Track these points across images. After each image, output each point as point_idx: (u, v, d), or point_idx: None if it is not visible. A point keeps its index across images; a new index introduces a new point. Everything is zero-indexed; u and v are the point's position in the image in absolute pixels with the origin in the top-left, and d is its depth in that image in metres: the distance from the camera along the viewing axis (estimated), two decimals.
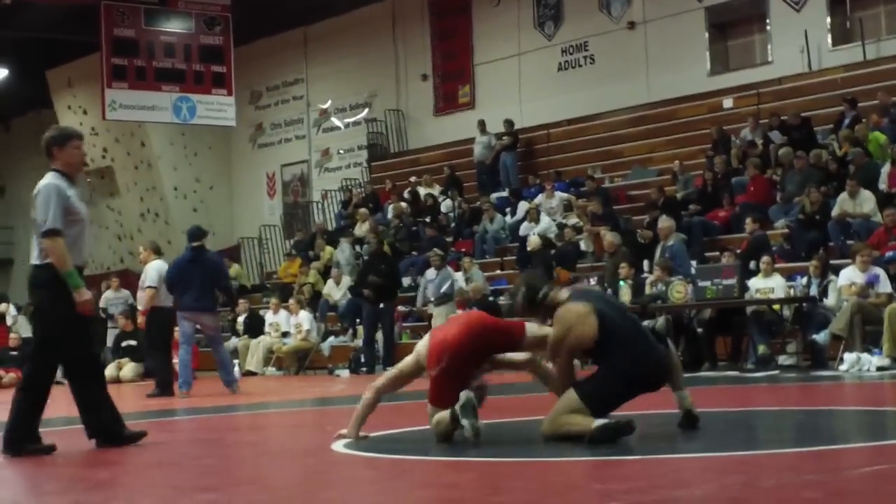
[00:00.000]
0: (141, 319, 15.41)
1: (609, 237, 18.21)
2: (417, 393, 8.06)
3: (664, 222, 17.47)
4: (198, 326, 15.06)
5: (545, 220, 21.38)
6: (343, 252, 23.36)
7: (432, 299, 19.42)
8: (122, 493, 6.03)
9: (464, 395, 7.06)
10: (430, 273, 20.02)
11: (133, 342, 20.81)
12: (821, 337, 14.19)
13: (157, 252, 15.56)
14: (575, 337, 7.14)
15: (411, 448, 7.29)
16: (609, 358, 7.09)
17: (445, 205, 24.34)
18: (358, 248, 23.44)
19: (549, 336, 7.23)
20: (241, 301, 23.32)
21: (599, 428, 6.75)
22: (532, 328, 7.45)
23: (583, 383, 7.12)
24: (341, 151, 29.78)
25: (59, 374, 8.06)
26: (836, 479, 5.53)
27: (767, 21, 22.44)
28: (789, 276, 15.49)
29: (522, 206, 22.60)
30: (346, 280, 21.96)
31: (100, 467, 7.29)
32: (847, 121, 19.08)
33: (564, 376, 7.28)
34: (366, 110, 29.12)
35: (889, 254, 14.79)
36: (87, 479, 6.72)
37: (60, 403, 14.09)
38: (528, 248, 19.75)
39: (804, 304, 14.71)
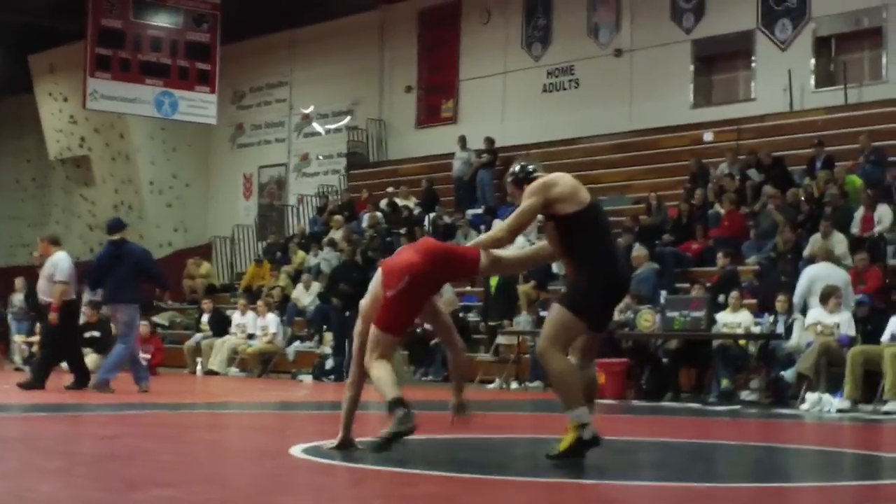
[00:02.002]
0: (53, 315, 14.35)
1: None
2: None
3: (638, 251, 17.52)
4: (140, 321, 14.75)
5: (519, 239, 21.32)
6: (325, 258, 23.20)
7: None
8: (74, 482, 5.98)
9: (400, 418, 6.97)
10: None
11: (97, 333, 20.67)
12: (788, 374, 14.23)
13: (57, 244, 15.13)
14: (561, 193, 7.13)
15: (371, 457, 7.26)
16: (587, 266, 7.06)
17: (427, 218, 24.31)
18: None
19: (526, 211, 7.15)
20: (206, 300, 23.25)
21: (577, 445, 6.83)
22: (487, 253, 7.38)
23: (565, 297, 7.14)
24: (320, 157, 29.72)
25: (18, 360, 7.99)
26: None
27: (753, 58, 22.53)
28: (756, 312, 15.53)
29: (497, 225, 22.55)
30: (316, 286, 21.91)
31: (53, 457, 7.24)
32: (819, 163, 19.19)
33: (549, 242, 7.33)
34: (348, 118, 29.09)
35: (859, 297, 14.86)
36: (40, 467, 6.66)
37: (24, 391, 14.02)
38: None
39: (770, 341, 14.75)
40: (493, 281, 18.98)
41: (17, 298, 23.20)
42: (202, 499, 5.53)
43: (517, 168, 7.44)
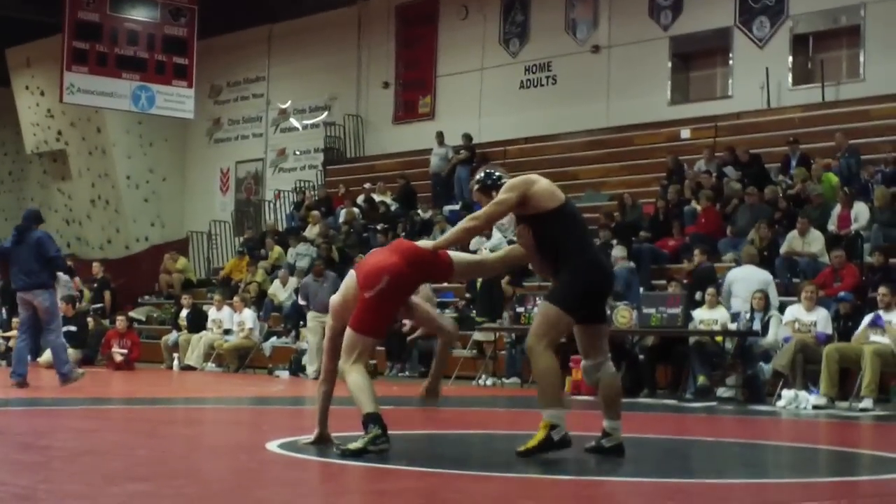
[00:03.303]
0: None
1: None
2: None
3: (618, 251, 17.58)
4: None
5: (496, 235, 21.39)
6: (300, 253, 23.12)
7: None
8: (51, 477, 5.97)
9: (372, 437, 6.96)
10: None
11: (73, 328, 20.61)
12: (765, 368, 14.27)
13: None
14: (542, 189, 7.15)
15: (358, 455, 7.26)
16: (570, 261, 7.12)
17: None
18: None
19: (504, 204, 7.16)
20: (184, 296, 23.19)
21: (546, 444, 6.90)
22: (458, 255, 7.46)
23: (551, 294, 7.22)
24: (297, 152, 29.68)
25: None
26: None
27: (731, 55, 22.60)
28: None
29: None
30: (293, 281, 21.88)
31: (30, 451, 7.22)
32: (794, 161, 19.27)
33: (523, 242, 7.32)
34: (325, 113, 29.04)
35: (841, 294, 14.93)
36: (16, 461, 6.64)
37: None
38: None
39: (746, 338, 14.80)
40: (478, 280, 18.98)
41: None
42: (178, 493, 5.52)
43: (483, 175, 7.47)
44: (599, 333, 7.36)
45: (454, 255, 7.45)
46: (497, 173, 7.45)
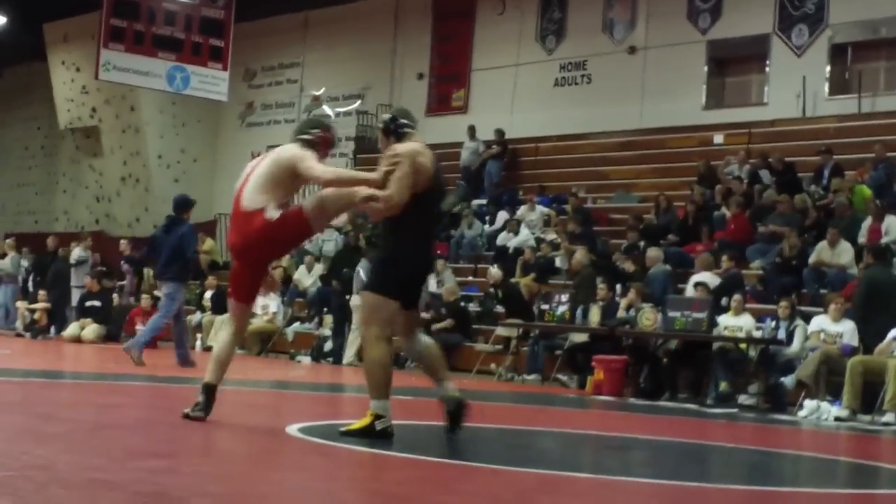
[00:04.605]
0: None
1: (577, 256, 18.23)
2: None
3: (652, 252, 17.57)
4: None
5: (524, 232, 21.39)
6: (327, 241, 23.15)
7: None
8: (72, 448, 6.00)
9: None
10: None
11: (97, 303, 20.73)
12: (788, 381, 14.22)
13: None
14: (428, 162, 7.29)
15: (368, 441, 7.27)
16: (406, 244, 7.25)
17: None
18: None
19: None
20: (210, 277, 23.24)
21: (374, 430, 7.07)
22: (308, 202, 7.53)
23: (369, 282, 7.45)
24: None
25: (20, 326, 8.04)
26: None
27: (767, 62, 22.50)
28: (759, 317, 15.51)
29: (502, 216, 22.61)
30: (318, 267, 21.91)
31: (52, 422, 7.25)
32: (826, 171, 19.17)
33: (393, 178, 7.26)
34: (358, 102, 29.05)
35: None
36: (39, 432, 6.68)
37: (24, 357, 14.06)
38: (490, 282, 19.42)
39: (770, 347, 14.74)
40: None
41: (4, 262, 23.49)
42: (196, 471, 5.54)
43: (388, 119, 7.57)
44: (413, 315, 7.55)
45: (305, 204, 7.52)
46: (404, 121, 7.53)
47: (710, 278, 16.43)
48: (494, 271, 19.11)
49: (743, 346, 14.88)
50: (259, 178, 7.47)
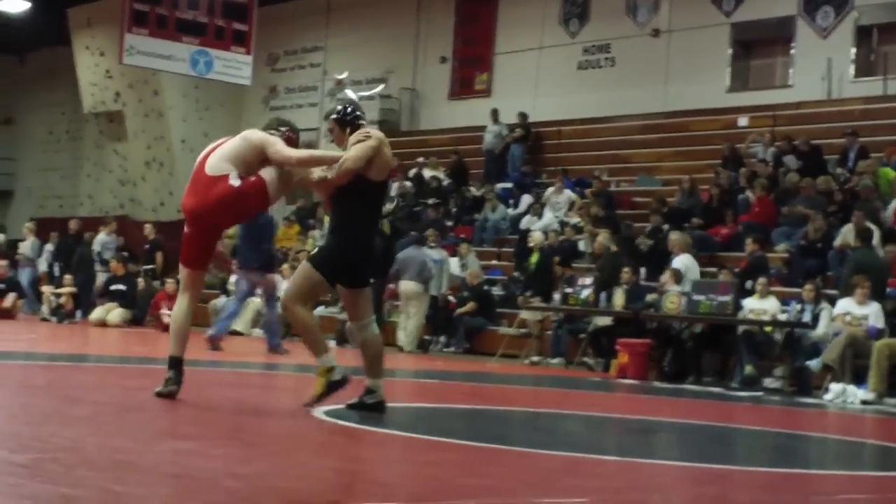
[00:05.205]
0: None
1: (600, 239, 18.22)
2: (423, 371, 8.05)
3: (676, 237, 17.49)
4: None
5: (548, 215, 21.36)
6: None
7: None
8: (99, 430, 6.02)
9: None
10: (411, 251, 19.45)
11: (122, 287, 20.80)
12: (813, 364, 14.18)
13: None
14: (387, 155, 7.54)
15: (394, 423, 7.29)
16: (351, 231, 7.45)
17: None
18: None
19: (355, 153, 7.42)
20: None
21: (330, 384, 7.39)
22: (269, 173, 7.56)
23: (313, 256, 7.56)
24: None
25: (45, 311, 8.09)
26: (809, 502, 5.53)
27: (793, 44, 22.38)
28: (784, 300, 15.47)
29: (525, 200, 22.60)
30: None
31: (79, 404, 7.29)
32: (852, 153, 19.08)
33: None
34: (381, 86, 28.97)
35: (890, 290, 14.79)
36: (65, 413, 6.71)
37: (50, 341, 14.12)
38: (530, 244, 19.51)
39: (795, 330, 14.70)
40: (534, 258, 18.94)
41: (24, 246, 23.77)
42: (223, 453, 5.55)
43: (342, 109, 7.85)
44: (361, 297, 7.63)
45: (267, 176, 7.55)
46: (358, 112, 7.77)
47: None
48: (538, 235, 19.27)
49: (768, 329, 14.86)
50: (227, 150, 7.62)
